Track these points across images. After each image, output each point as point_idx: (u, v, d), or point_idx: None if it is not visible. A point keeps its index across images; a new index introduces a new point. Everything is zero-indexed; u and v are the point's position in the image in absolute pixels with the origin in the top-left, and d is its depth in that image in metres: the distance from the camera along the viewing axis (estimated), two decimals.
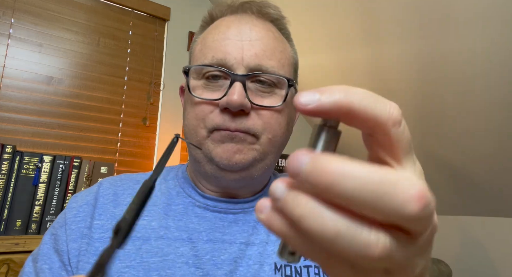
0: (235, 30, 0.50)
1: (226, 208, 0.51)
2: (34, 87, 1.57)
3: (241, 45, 0.48)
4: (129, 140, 1.78)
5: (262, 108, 0.48)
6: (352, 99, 0.17)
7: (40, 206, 1.32)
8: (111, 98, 1.76)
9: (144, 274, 0.43)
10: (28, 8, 1.61)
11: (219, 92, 0.48)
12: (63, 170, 1.38)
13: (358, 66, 1.62)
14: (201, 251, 0.46)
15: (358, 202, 0.15)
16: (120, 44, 1.84)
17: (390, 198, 0.14)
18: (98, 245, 0.46)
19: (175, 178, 0.56)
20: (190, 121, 0.51)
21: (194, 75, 0.51)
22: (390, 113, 0.17)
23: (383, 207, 0.14)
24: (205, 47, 0.51)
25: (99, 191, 0.52)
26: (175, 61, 2.02)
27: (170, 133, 1.93)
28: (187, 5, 2.13)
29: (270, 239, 0.49)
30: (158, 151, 1.87)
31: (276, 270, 0.46)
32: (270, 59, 0.49)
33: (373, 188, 0.14)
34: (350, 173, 0.15)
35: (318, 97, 0.17)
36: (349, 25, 1.49)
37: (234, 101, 0.44)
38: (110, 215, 0.49)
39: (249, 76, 0.47)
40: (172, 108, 1.94)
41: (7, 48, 1.53)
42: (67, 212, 0.50)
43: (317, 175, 0.15)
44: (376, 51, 1.51)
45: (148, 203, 0.50)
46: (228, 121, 0.46)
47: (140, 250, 0.45)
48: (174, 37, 2.04)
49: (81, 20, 1.74)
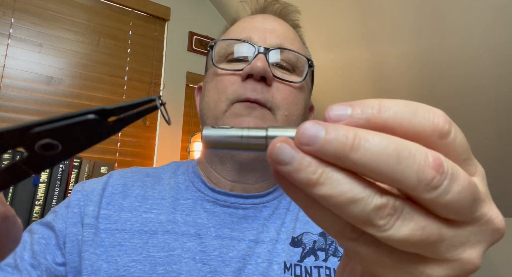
0: (260, 20, 0.53)
1: (236, 202, 0.50)
2: (34, 87, 1.57)
3: (264, 30, 0.51)
4: (129, 140, 1.78)
5: (282, 82, 0.49)
6: (387, 114, 0.15)
7: (40, 206, 1.32)
8: (111, 98, 1.76)
9: (150, 269, 0.43)
10: (28, 8, 1.61)
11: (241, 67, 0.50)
12: (63, 170, 1.38)
13: (358, 66, 1.62)
14: (209, 247, 0.45)
15: (378, 167, 0.14)
16: (120, 44, 1.84)
17: (407, 164, 0.14)
18: (104, 236, 0.45)
19: (185, 172, 0.55)
20: (211, 97, 0.50)
21: (217, 57, 0.52)
22: (435, 125, 0.15)
23: (401, 173, 0.14)
24: (229, 34, 0.54)
25: (109, 181, 0.52)
26: (175, 61, 2.02)
27: (170, 133, 1.93)
28: (187, 5, 2.13)
29: (280, 238, 0.48)
30: (158, 151, 1.87)
31: (286, 269, 0.45)
32: (290, 43, 0.51)
33: (392, 153, 0.14)
34: (371, 139, 0.14)
35: (350, 112, 0.16)
36: (349, 25, 1.49)
37: (258, 66, 0.45)
38: (118, 207, 0.48)
39: (272, 50, 0.49)
40: (172, 108, 1.94)
41: (7, 48, 1.53)
42: (72, 195, 0.50)
43: (338, 141, 0.14)
44: (376, 51, 1.51)
45: (154, 196, 0.50)
46: (250, 90, 0.46)
47: (146, 244, 0.45)
48: (174, 37, 2.04)
49: (81, 20, 1.74)
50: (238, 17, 0.60)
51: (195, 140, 1.86)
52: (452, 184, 0.14)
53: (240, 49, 0.50)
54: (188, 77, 2.04)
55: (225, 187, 0.51)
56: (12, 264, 0.43)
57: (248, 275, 0.44)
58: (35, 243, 0.45)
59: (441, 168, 0.14)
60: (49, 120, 0.19)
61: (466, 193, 0.15)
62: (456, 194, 0.14)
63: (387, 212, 0.14)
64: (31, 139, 0.19)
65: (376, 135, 0.15)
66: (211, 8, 2.26)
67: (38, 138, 0.19)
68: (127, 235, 0.45)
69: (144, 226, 0.47)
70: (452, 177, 0.14)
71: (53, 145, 0.19)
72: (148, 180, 0.53)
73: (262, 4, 0.58)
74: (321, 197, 0.15)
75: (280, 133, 0.16)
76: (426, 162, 0.14)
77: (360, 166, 0.14)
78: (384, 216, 0.14)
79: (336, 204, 0.15)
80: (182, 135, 1.98)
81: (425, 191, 0.14)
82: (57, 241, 0.46)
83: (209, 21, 2.22)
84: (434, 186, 0.14)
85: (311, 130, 0.15)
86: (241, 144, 0.17)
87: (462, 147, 0.16)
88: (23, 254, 0.44)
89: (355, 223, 0.15)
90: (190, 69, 2.07)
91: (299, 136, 0.15)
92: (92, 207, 0.48)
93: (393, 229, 0.14)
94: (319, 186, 0.15)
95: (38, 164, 0.20)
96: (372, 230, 0.15)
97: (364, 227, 0.15)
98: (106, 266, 0.43)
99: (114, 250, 0.44)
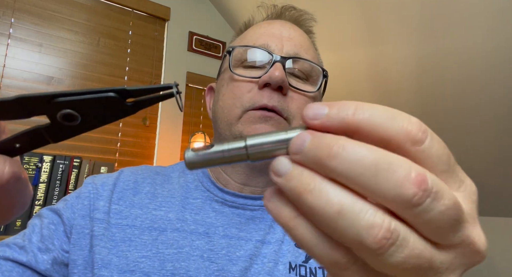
0: (277, 27, 0.53)
1: (244, 204, 0.50)
2: (34, 87, 1.57)
3: (281, 37, 0.52)
4: (129, 140, 1.78)
5: (297, 91, 0.49)
6: (361, 117, 0.15)
7: (40, 206, 1.32)
8: None
9: (159, 265, 0.43)
10: (28, 8, 1.61)
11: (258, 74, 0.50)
12: (63, 170, 1.38)
13: (358, 67, 1.62)
14: (217, 245, 0.46)
15: (355, 177, 0.14)
16: (120, 44, 1.84)
17: (386, 177, 0.14)
18: (115, 231, 0.46)
19: (194, 172, 0.56)
20: (226, 101, 0.51)
21: (233, 62, 0.52)
22: (408, 131, 0.15)
23: (379, 185, 0.14)
24: (245, 39, 0.54)
25: (120, 177, 0.53)
26: (175, 61, 2.02)
27: (170, 133, 1.93)
28: (187, 5, 2.13)
29: (286, 239, 0.48)
30: (158, 151, 1.87)
31: (291, 270, 0.46)
32: (306, 52, 0.52)
33: (369, 163, 0.14)
34: (349, 148, 0.14)
35: (327, 112, 0.16)
36: (349, 25, 1.49)
37: (276, 76, 0.46)
38: (129, 203, 0.49)
39: (289, 59, 0.49)
40: (172, 108, 1.94)
41: (7, 48, 1.53)
42: (84, 187, 0.51)
43: (318, 149, 0.15)
44: (377, 51, 1.51)
45: (164, 194, 0.51)
46: (267, 98, 0.47)
47: (156, 241, 0.46)
48: (174, 37, 2.04)
49: (81, 20, 1.74)
50: (253, 20, 0.60)
51: (195, 140, 1.86)
52: (435, 203, 0.14)
53: (257, 56, 0.50)
54: (188, 77, 2.04)
55: (234, 189, 0.51)
56: (20, 244, 0.44)
57: (254, 275, 0.45)
58: (44, 227, 0.46)
59: (423, 185, 0.14)
60: (73, 92, 0.21)
61: (450, 213, 0.14)
62: (438, 214, 0.14)
63: (382, 235, 0.14)
64: (54, 107, 0.21)
65: (357, 144, 0.15)
66: (211, 8, 2.26)
67: (61, 107, 0.21)
68: (137, 231, 0.46)
69: (154, 223, 0.47)
70: (437, 195, 0.14)
71: (74, 116, 0.21)
72: (158, 178, 0.54)
73: (279, 10, 0.59)
74: (310, 209, 0.15)
75: (258, 141, 0.17)
76: (407, 176, 0.14)
77: (338, 175, 0.14)
78: (378, 239, 0.14)
79: (324, 218, 0.14)
80: (182, 135, 1.98)
81: (405, 208, 0.14)
82: (64, 229, 0.46)
83: (209, 21, 2.22)
84: (415, 204, 0.14)
85: (299, 137, 0.15)
86: (224, 158, 0.18)
87: (440, 158, 0.16)
88: (31, 237, 0.45)
89: (345, 241, 0.15)
90: (190, 69, 2.07)
91: (290, 146, 0.16)
92: (102, 202, 0.48)
93: (387, 254, 0.14)
94: (307, 194, 0.15)
95: (57, 133, 0.22)
96: (364, 252, 0.14)
97: (356, 247, 0.14)
98: (117, 260, 0.44)
99: (124, 245, 0.45)
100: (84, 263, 0.44)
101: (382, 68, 1.55)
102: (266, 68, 0.48)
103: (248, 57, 0.51)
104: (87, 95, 0.20)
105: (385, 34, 1.42)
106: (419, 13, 1.25)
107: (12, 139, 0.22)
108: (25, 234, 0.46)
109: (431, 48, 1.32)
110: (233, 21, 2.25)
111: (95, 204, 0.48)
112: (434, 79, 1.41)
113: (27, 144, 0.22)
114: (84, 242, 0.45)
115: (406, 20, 1.31)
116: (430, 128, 0.16)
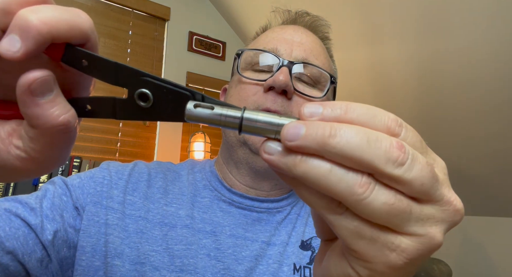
0: (289, 32, 0.54)
1: (251, 205, 0.51)
2: None
3: (292, 42, 0.52)
4: (129, 140, 1.78)
5: (303, 96, 0.50)
6: (351, 115, 0.18)
7: None
8: None
9: (168, 260, 0.44)
10: None
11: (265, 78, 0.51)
12: (63, 170, 1.38)
13: (358, 67, 1.62)
14: (224, 245, 0.47)
15: (353, 150, 0.17)
16: (120, 44, 1.84)
17: (376, 146, 0.17)
18: (128, 222, 0.46)
19: (202, 171, 0.57)
20: (232, 103, 0.51)
21: (243, 65, 0.53)
22: (388, 126, 0.19)
23: (372, 154, 0.17)
24: (258, 42, 0.55)
25: (135, 168, 0.53)
26: (175, 61, 2.02)
27: (170, 133, 1.93)
28: (187, 5, 2.13)
29: (291, 241, 0.49)
30: (158, 151, 1.87)
31: (295, 271, 0.46)
32: (316, 58, 0.52)
33: (362, 137, 0.17)
34: (344, 127, 0.17)
35: (321, 111, 0.18)
36: (350, 26, 1.49)
37: (280, 80, 0.46)
38: (143, 194, 0.49)
39: (296, 64, 0.50)
40: None
41: None
42: (98, 171, 0.50)
43: (318, 132, 0.17)
44: (377, 51, 1.51)
45: (174, 191, 0.51)
46: (270, 101, 0.47)
47: (166, 236, 0.46)
48: (174, 37, 2.04)
49: None
50: (270, 25, 0.61)
51: (195, 140, 1.86)
52: (414, 163, 0.17)
53: (265, 59, 0.51)
54: (188, 77, 2.04)
55: (240, 190, 0.52)
56: (32, 205, 0.42)
57: (259, 275, 0.45)
58: (56, 196, 0.44)
59: (403, 148, 0.17)
60: (158, 77, 0.21)
61: (426, 171, 0.18)
62: (418, 171, 0.17)
63: (364, 182, 0.17)
64: (139, 84, 0.22)
65: (348, 125, 0.18)
66: (211, 8, 2.26)
67: (144, 85, 0.22)
68: (149, 225, 0.46)
69: (165, 218, 0.48)
70: (413, 157, 0.17)
71: (148, 98, 0.21)
72: (169, 174, 0.55)
73: (293, 16, 0.60)
74: (301, 175, 0.18)
75: (254, 117, 0.19)
76: (391, 144, 0.17)
77: (339, 150, 0.17)
78: (362, 184, 0.17)
79: (314, 178, 0.17)
80: (182, 135, 1.98)
81: (393, 168, 0.17)
82: (73, 204, 0.45)
83: (209, 21, 2.22)
84: (400, 163, 0.17)
85: (293, 127, 0.18)
86: (219, 121, 0.19)
87: (415, 144, 0.19)
88: (42, 202, 0.43)
89: (335, 195, 0.17)
90: (190, 69, 2.07)
91: (284, 134, 0.18)
92: (117, 191, 0.48)
93: (370, 197, 0.17)
94: (297, 166, 0.18)
95: (126, 110, 0.23)
96: (352, 199, 0.17)
97: (345, 196, 0.17)
98: (129, 251, 0.44)
99: (137, 236, 0.45)
100: (92, 251, 0.43)
101: (382, 68, 1.55)
102: (273, 72, 0.49)
103: (257, 60, 0.52)
104: (169, 85, 0.21)
105: (385, 34, 1.42)
106: (419, 13, 1.25)
107: (87, 99, 0.23)
108: (38, 196, 0.44)
109: (431, 48, 1.32)
110: (233, 21, 2.24)
111: (109, 192, 0.47)
112: (434, 79, 1.41)
113: (96, 110, 0.23)
114: (94, 229, 0.44)
115: (406, 21, 1.31)
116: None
